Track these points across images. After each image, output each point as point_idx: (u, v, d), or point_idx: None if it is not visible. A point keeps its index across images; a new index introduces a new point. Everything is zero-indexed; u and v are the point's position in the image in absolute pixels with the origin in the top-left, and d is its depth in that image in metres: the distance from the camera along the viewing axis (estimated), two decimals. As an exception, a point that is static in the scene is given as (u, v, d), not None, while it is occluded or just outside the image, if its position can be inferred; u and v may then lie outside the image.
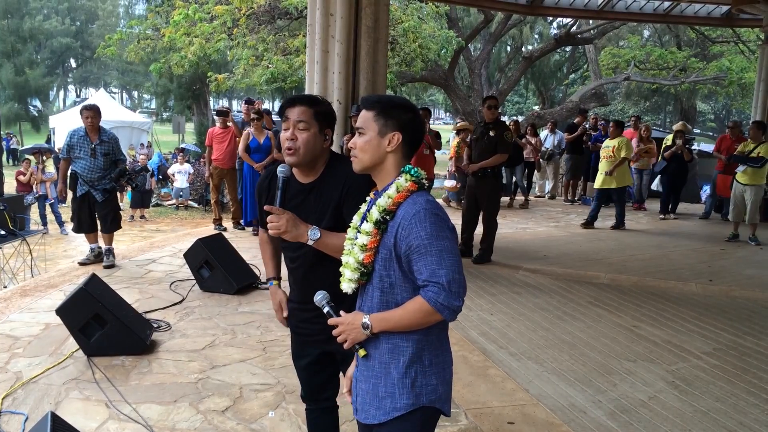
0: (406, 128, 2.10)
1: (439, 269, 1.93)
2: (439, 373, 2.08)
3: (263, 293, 6.15)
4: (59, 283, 6.38)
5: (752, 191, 9.26)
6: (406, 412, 2.04)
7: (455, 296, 1.94)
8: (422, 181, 2.07)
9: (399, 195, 2.03)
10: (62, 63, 52.31)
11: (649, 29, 30.84)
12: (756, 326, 5.67)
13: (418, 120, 2.13)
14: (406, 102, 2.17)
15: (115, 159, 7.02)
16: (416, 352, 2.04)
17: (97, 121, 6.95)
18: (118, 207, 7.43)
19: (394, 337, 2.05)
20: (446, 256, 1.94)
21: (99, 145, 6.89)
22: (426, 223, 1.95)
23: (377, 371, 2.08)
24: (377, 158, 2.10)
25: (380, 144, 2.08)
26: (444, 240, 1.96)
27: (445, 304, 1.93)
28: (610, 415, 3.87)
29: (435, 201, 2.05)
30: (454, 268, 1.95)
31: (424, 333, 2.05)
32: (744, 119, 28.89)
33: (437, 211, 1.99)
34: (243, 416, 3.71)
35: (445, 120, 56.78)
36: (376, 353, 2.09)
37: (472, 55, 20.60)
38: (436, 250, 1.94)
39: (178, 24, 13.71)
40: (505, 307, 5.97)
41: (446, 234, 1.97)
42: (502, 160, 7.55)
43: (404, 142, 2.09)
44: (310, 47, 7.51)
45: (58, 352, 4.57)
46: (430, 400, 2.05)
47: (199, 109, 30.59)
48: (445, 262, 1.94)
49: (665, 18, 14.83)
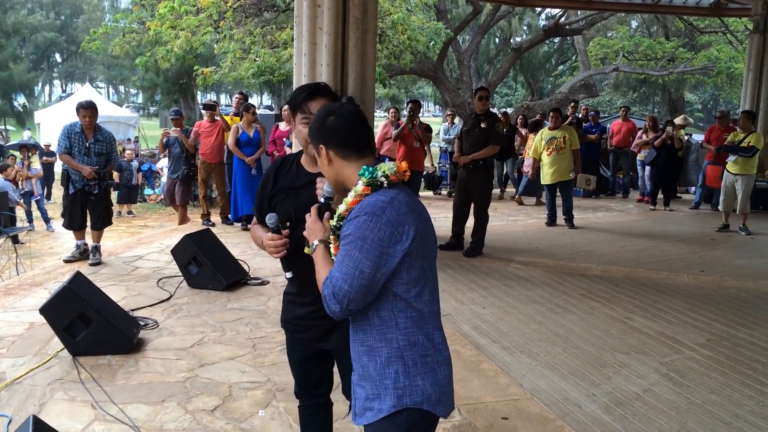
0: (326, 137, 2.08)
1: (336, 271, 1.95)
2: (427, 374, 2.01)
3: (252, 289, 6.08)
4: (44, 281, 6.28)
5: (743, 181, 9.26)
6: (389, 414, 1.99)
7: (335, 301, 1.94)
8: (378, 182, 2.00)
9: (353, 200, 2.02)
10: (47, 58, 51.81)
11: (637, 20, 30.83)
12: (749, 317, 5.66)
13: (329, 124, 2.09)
14: (318, 113, 2.16)
15: (108, 159, 6.89)
16: (394, 353, 2.00)
17: (95, 120, 6.81)
18: (111, 204, 7.32)
19: (368, 339, 2.03)
20: (347, 263, 1.92)
21: (94, 144, 6.75)
22: (352, 224, 1.95)
23: (363, 374, 2.06)
24: (331, 175, 2.12)
25: (322, 164, 2.12)
26: (355, 247, 1.92)
27: (327, 299, 1.96)
28: (605, 409, 3.83)
29: (384, 201, 1.96)
30: (347, 279, 1.92)
31: (406, 334, 2.00)
32: (731, 109, 29.00)
33: (376, 213, 1.93)
34: (232, 415, 3.64)
35: (434, 112, 56.68)
36: (357, 356, 2.08)
37: (461, 47, 20.49)
38: (344, 252, 1.94)
39: (164, 17, 13.50)
40: (498, 300, 5.92)
41: (361, 243, 1.92)
42: (494, 152, 7.49)
43: (336, 149, 2.07)
44: (297, 39, 7.41)
45: (42, 351, 4.48)
46: (415, 401, 1.99)
47: (186, 103, 30.40)
48: (342, 268, 1.93)
49: (653, 8, 14.82)
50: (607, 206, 11.97)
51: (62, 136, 6.78)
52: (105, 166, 6.89)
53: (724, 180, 9.60)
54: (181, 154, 9.36)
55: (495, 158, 7.68)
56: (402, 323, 2.01)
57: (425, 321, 2.03)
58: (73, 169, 6.74)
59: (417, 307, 2.01)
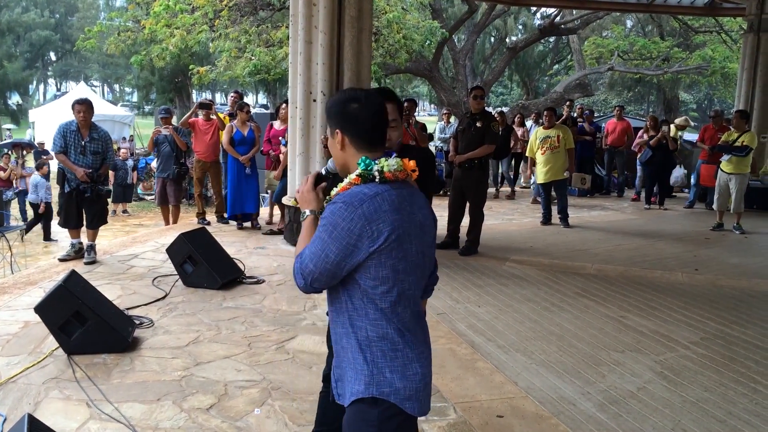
0: (345, 123, 2.09)
1: (307, 249, 2.02)
2: (396, 368, 2.03)
3: (248, 288, 6.08)
4: (39, 279, 6.26)
5: (737, 180, 9.29)
6: (361, 397, 2.03)
7: (300, 276, 2.03)
8: (370, 175, 2.03)
9: (342, 187, 2.06)
10: (42, 56, 51.56)
11: (632, 19, 30.90)
12: (742, 315, 5.68)
13: (351, 111, 2.08)
14: (343, 95, 2.14)
15: (104, 158, 6.86)
16: (364, 341, 2.04)
17: (90, 116, 6.74)
18: (107, 203, 7.30)
19: (345, 322, 2.08)
20: (317, 244, 1.99)
21: (89, 142, 6.72)
22: (329, 209, 2.00)
23: (343, 355, 2.11)
24: (339, 158, 2.15)
25: (334, 145, 2.13)
26: (326, 232, 1.98)
27: (296, 273, 2.05)
28: (600, 407, 3.84)
29: (367, 194, 1.98)
30: (313, 259, 1.99)
31: (375, 326, 2.03)
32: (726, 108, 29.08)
33: (353, 204, 1.96)
34: (228, 414, 3.64)
35: (429, 111, 56.67)
36: (337, 337, 2.13)
37: (456, 46, 20.51)
38: (317, 233, 2.00)
39: (159, 15, 13.48)
40: (493, 299, 5.94)
41: (332, 228, 1.96)
42: (489, 151, 7.50)
43: (351, 137, 2.09)
44: (293, 38, 7.42)
45: (37, 350, 4.47)
46: (382, 392, 2.01)
47: (181, 102, 30.34)
48: (312, 248, 2.00)
49: (649, 8, 14.86)
50: (602, 205, 12.01)
51: (58, 135, 6.74)
52: (101, 164, 6.86)
53: (718, 179, 9.63)
54: (171, 153, 9.36)
55: (490, 157, 7.68)
56: (372, 315, 2.03)
57: (389, 320, 2.04)
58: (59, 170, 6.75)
59: (380, 306, 2.02)
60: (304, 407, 3.71)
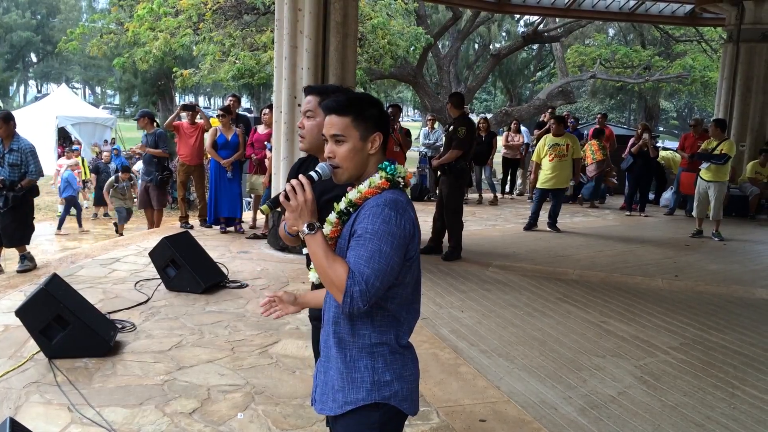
0: (381, 125, 2.07)
1: (366, 268, 1.87)
2: (396, 371, 2.05)
3: (231, 292, 6.06)
4: (19, 283, 6.20)
5: (716, 188, 9.41)
6: (358, 407, 2.02)
7: (365, 299, 1.87)
8: (396, 180, 2.03)
9: (369, 190, 2.00)
10: (22, 58, 50.98)
11: (614, 28, 31.22)
12: (721, 321, 5.76)
13: (385, 112, 2.13)
14: (371, 97, 2.14)
15: (24, 171, 6.70)
16: (366, 348, 2.02)
17: (8, 130, 6.61)
18: (27, 219, 6.95)
19: (339, 331, 2.05)
20: (377, 259, 1.88)
21: (8, 153, 6.63)
22: (378, 218, 1.90)
23: (331, 364, 2.08)
24: (363, 164, 2.05)
25: (364, 149, 2.04)
26: (385, 243, 1.89)
27: (355, 297, 1.85)
28: (581, 411, 3.88)
29: (403, 201, 1.99)
30: (379, 275, 1.87)
31: (379, 331, 2.03)
32: (706, 117, 29.46)
33: (399, 211, 1.94)
34: (211, 418, 3.63)
35: (413, 117, 56.81)
36: (326, 346, 2.10)
37: (440, 52, 20.61)
38: (372, 248, 1.88)
39: (143, 18, 13.43)
40: (476, 304, 5.97)
41: (391, 238, 1.90)
42: (454, 157, 7.44)
43: (381, 140, 2.08)
44: (278, 43, 7.42)
45: (18, 354, 4.43)
46: (383, 396, 2.02)
47: (164, 105, 30.05)
48: (374, 265, 1.87)
49: (630, 17, 15.06)
50: (584, 211, 12.10)
51: None
52: (20, 178, 6.70)
53: (697, 187, 9.75)
54: (152, 157, 9.33)
55: (464, 162, 7.62)
56: (378, 321, 2.03)
57: (393, 325, 2.05)
58: None
59: (390, 311, 2.04)
60: (288, 411, 3.71)
